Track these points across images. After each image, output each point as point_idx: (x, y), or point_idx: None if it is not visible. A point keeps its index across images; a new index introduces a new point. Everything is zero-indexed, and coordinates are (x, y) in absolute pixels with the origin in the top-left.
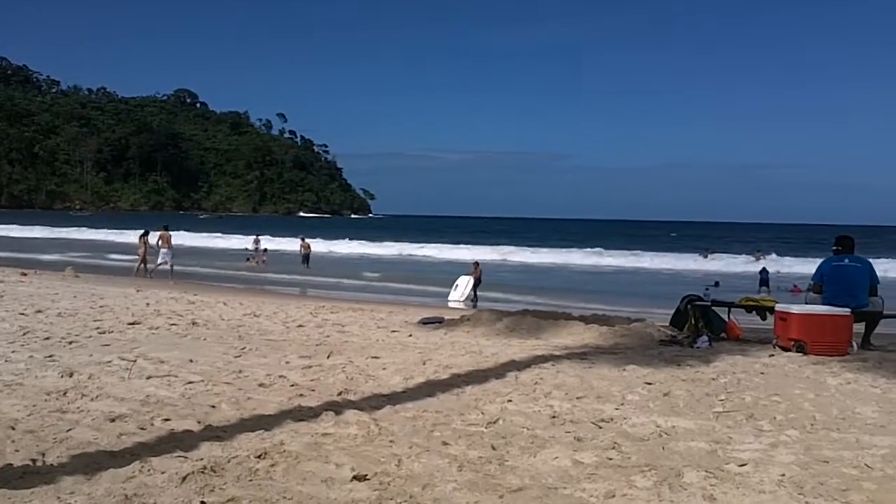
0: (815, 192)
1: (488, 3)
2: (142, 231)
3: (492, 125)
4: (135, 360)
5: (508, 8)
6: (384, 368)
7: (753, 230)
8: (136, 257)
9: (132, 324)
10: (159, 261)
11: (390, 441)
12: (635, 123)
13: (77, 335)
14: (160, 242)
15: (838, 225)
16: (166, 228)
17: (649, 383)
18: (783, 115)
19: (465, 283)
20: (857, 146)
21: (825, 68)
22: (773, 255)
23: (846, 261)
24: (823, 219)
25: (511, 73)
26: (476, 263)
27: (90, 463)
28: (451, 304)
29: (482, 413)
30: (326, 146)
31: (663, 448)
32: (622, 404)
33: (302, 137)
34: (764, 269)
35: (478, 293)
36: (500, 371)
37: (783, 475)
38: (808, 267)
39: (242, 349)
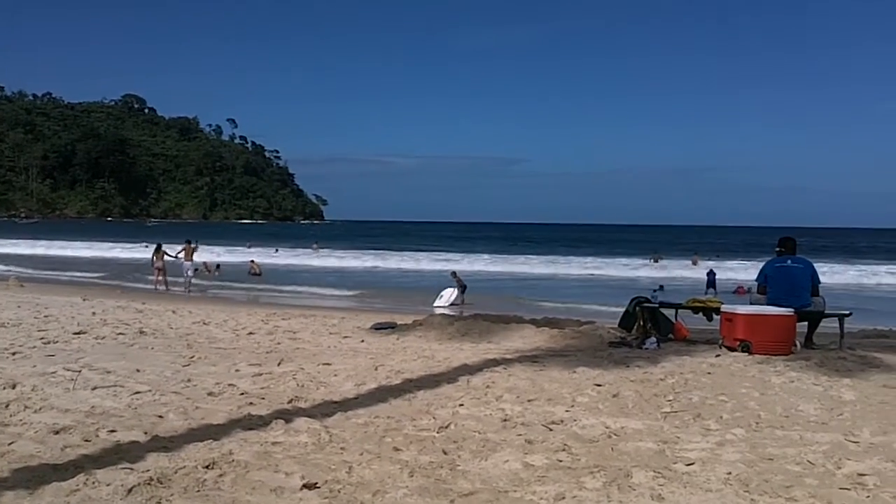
0: (759, 195)
1: (441, 7)
2: (155, 246)
3: (444, 130)
4: (80, 371)
5: (461, 12)
6: (335, 375)
7: (704, 234)
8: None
9: (78, 333)
10: (189, 273)
11: (341, 448)
12: (588, 128)
13: (21, 346)
14: (184, 256)
15: (781, 227)
16: (189, 242)
17: (599, 385)
18: (725, 118)
19: (449, 293)
20: (799, 150)
21: (767, 73)
22: (704, 261)
23: (789, 262)
24: (768, 221)
25: (463, 78)
26: (454, 273)
27: (33, 477)
28: (436, 311)
29: (434, 418)
30: (278, 152)
31: (612, 449)
32: (572, 406)
33: (253, 143)
34: (711, 270)
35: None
36: (451, 375)
37: (729, 473)
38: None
39: (191, 358)
